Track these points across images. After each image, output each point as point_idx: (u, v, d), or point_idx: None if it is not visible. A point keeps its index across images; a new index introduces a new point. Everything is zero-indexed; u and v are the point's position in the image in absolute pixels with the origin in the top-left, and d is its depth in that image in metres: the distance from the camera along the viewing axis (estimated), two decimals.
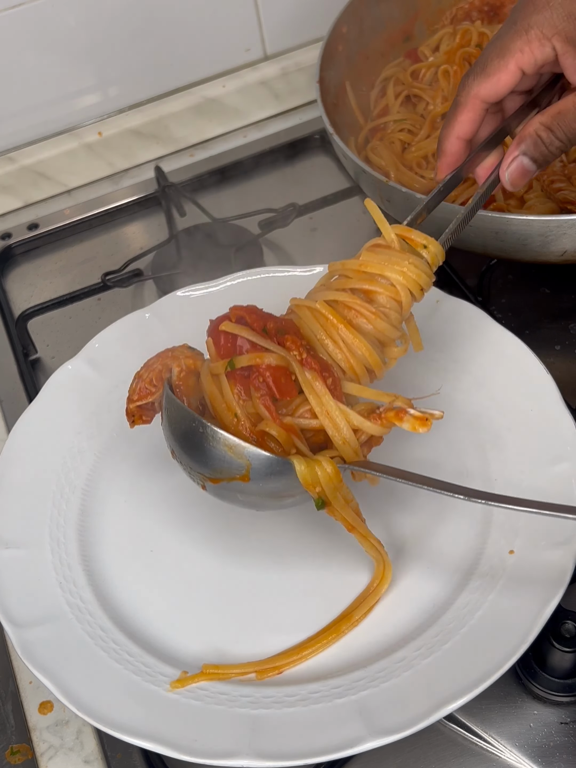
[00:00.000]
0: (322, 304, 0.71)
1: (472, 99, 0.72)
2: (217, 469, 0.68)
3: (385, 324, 0.71)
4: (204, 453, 0.68)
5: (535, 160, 0.72)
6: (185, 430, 0.69)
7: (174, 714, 0.67)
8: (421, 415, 0.68)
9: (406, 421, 0.68)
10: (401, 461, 0.82)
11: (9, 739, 0.75)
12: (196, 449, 0.69)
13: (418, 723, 0.63)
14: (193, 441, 0.69)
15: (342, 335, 0.70)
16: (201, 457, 0.68)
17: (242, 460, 0.67)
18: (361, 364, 0.71)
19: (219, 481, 0.68)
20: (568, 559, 0.69)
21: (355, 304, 0.71)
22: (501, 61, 0.70)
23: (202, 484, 0.70)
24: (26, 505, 0.80)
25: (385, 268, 0.71)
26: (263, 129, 1.22)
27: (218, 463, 0.68)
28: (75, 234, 1.15)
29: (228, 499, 0.71)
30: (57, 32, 1.15)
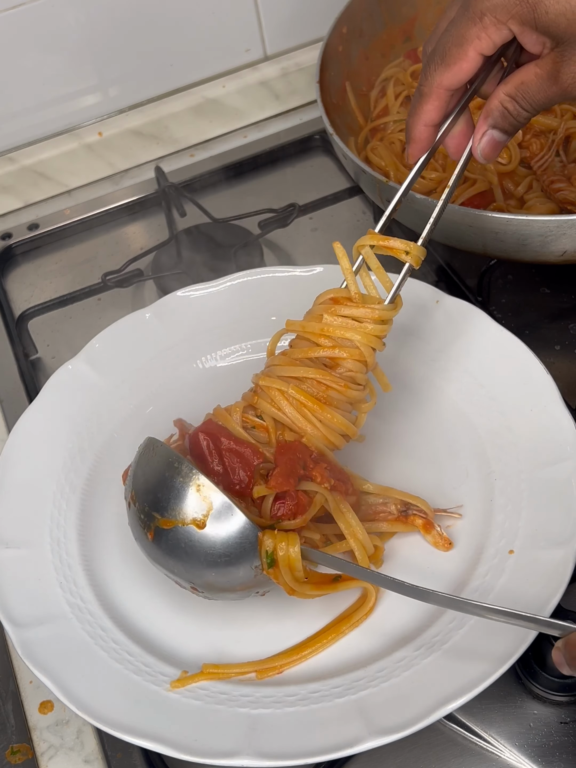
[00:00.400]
0: (295, 389, 0.73)
1: (436, 89, 0.71)
2: (177, 508, 0.68)
3: (355, 392, 0.75)
4: (169, 489, 0.68)
5: (504, 131, 0.71)
6: (157, 468, 0.69)
7: (174, 714, 0.68)
8: (447, 537, 0.75)
9: (433, 536, 0.76)
10: (401, 461, 0.82)
11: (9, 739, 0.75)
12: (162, 486, 0.68)
13: (418, 723, 0.63)
14: (162, 477, 0.69)
15: (318, 416, 0.74)
16: (164, 493, 0.68)
17: (205, 503, 0.67)
18: (337, 434, 0.75)
19: (172, 524, 0.68)
20: (568, 559, 0.69)
21: (325, 380, 0.73)
22: (459, 50, 0.69)
23: (153, 527, 0.69)
24: (26, 505, 0.80)
25: (347, 331, 0.73)
26: (263, 129, 1.22)
27: (179, 502, 0.68)
28: (75, 234, 1.15)
29: (168, 561, 0.69)
30: (57, 32, 1.15)
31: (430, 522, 0.76)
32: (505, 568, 0.72)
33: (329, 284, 0.84)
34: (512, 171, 0.94)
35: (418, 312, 0.88)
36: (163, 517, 0.68)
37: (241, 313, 0.92)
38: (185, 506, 0.67)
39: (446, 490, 0.79)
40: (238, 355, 0.91)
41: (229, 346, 0.92)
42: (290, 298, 0.91)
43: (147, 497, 0.69)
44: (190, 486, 0.67)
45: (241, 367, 0.90)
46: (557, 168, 0.93)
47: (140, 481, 0.70)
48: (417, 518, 0.76)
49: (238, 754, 0.64)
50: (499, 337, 0.84)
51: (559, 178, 0.91)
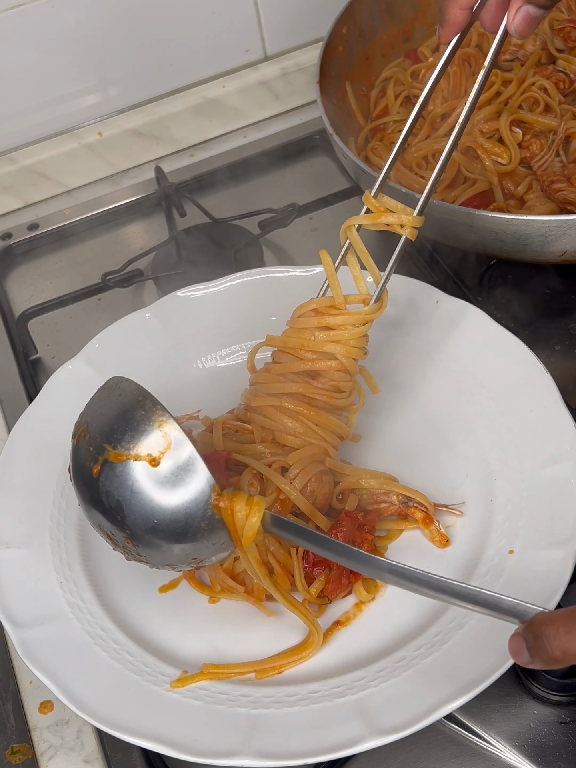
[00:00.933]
0: (288, 401, 0.75)
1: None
2: (132, 442, 0.63)
3: (339, 401, 0.76)
4: (127, 421, 0.63)
5: (540, 5, 0.68)
6: (118, 401, 0.65)
7: (174, 714, 0.67)
8: (445, 534, 0.75)
9: (431, 531, 0.76)
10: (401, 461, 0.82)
11: (9, 739, 0.75)
12: (121, 418, 0.64)
13: (418, 723, 0.63)
14: (122, 409, 0.64)
15: (314, 421, 0.76)
16: (120, 425, 0.64)
17: (165, 440, 0.63)
18: (333, 435, 0.77)
19: (124, 458, 0.63)
20: (568, 559, 0.69)
21: (314, 394, 0.75)
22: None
23: (101, 461, 0.64)
24: (26, 505, 0.80)
25: (328, 345, 0.74)
26: (263, 129, 1.22)
27: (136, 435, 0.63)
28: (75, 234, 1.15)
29: (108, 503, 0.64)
30: (57, 32, 1.15)
31: (429, 516, 0.76)
32: (505, 568, 0.72)
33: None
34: (512, 171, 0.94)
35: (418, 312, 0.88)
36: (115, 450, 0.63)
37: (241, 313, 0.92)
38: (142, 440, 0.63)
39: (446, 490, 0.79)
40: (238, 355, 0.91)
41: (229, 346, 0.92)
42: (290, 298, 0.91)
43: (101, 429, 0.65)
44: (151, 420, 0.63)
45: (241, 367, 0.90)
46: (557, 168, 0.93)
47: (96, 413, 0.66)
48: (417, 511, 0.76)
49: (238, 754, 0.64)
50: (499, 337, 0.84)
51: (559, 178, 0.91)
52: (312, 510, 0.74)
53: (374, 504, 0.78)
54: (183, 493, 0.63)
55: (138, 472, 0.63)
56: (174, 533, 0.64)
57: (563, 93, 0.97)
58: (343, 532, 0.73)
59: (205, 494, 0.63)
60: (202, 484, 0.63)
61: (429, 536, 0.76)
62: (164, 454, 0.63)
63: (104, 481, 0.64)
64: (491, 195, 0.95)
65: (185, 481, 0.63)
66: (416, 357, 0.87)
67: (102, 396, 0.67)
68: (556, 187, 0.91)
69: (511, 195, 0.94)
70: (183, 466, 0.63)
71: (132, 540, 0.65)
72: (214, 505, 0.64)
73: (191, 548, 0.65)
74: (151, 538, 0.64)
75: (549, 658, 0.54)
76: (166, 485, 0.63)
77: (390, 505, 0.77)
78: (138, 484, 0.63)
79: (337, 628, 0.73)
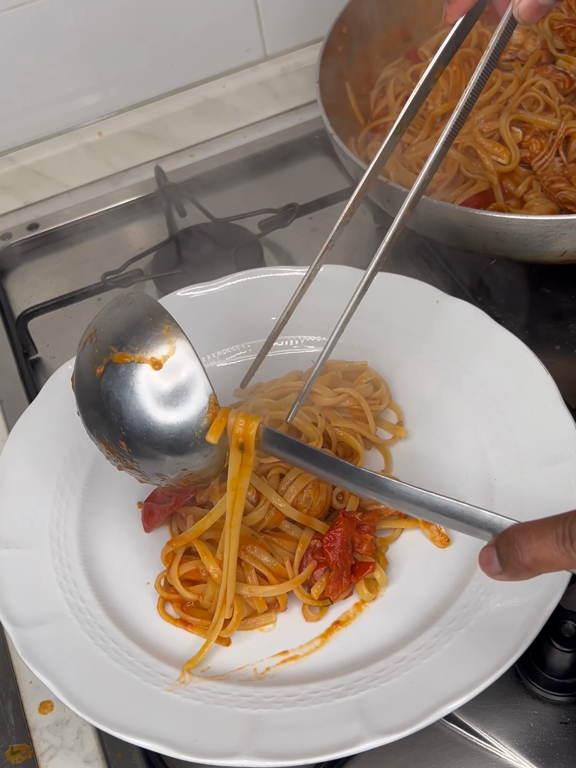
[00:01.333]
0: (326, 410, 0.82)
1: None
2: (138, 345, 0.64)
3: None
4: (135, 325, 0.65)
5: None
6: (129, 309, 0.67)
7: (174, 714, 0.68)
8: (445, 534, 0.76)
9: (431, 531, 0.76)
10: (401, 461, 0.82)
11: (9, 739, 0.75)
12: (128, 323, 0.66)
13: (417, 723, 0.63)
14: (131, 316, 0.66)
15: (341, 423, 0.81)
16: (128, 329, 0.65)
17: (170, 345, 0.64)
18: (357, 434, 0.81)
19: (128, 360, 0.64)
20: None
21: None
22: None
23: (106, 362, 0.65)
24: (26, 505, 0.80)
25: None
26: (263, 129, 1.22)
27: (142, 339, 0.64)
28: (75, 234, 1.15)
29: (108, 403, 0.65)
30: (57, 32, 1.15)
31: None
32: None
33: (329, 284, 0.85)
34: (512, 171, 0.94)
35: (418, 312, 0.88)
36: (120, 351, 0.65)
37: (241, 313, 0.92)
38: (147, 344, 0.64)
39: (446, 490, 0.79)
40: (238, 355, 0.91)
41: (229, 346, 0.92)
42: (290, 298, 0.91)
43: (108, 333, 0.66)
44: (158, 326, 0.65)
45: (241, 367, 0.90)
46: (557, 168, 0.92)
47: (105, 319, 0.68)
48: None
49: (238, 754, 0.64)
50: (498, 337, 0.84)
51: (559, 178, 0.91)
52: (307, 519, 0.74)
53: (374, 504, 0.78)
54: (181, 400, 0.64)
55: (140, 374, 0.64)
56: (168, 438, 0.65)
57: (563, 93, 0.96)
58: (340, 532, 0.73)
59: (203, 403, 0.64)
60: (200, 393, 0.64)
61: (429, 536, 0.76)
62: (167, 359, 0.64)
63: (106, 381, 0.65)
64: (491, 195, 0.94)
65: (185, 388, 0.64)
66: (416, 357, 0.87)
67: (113, 305, 0.68)
68: (556, 187, 0.91)
69: (511, 195, 0.94)
70: (184, 373, 0.64)
71: (126, 444, 0.66)
72: (210, 416, 0.65)
73: (183, 457, 0.66)
74: (146, 441, 0.65)
75: (519, 565, 0.54)
76: (165, 390, 0.64)
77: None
78: (139, 385, 0.64)
79: (337, 628, 0.73)
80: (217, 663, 0.72)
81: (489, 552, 0.57)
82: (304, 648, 0.72)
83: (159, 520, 0.79)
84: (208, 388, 0.65)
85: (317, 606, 0.74)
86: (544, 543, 0.53)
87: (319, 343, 0.89)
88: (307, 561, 0.74)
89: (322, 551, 0.73)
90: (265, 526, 0.75)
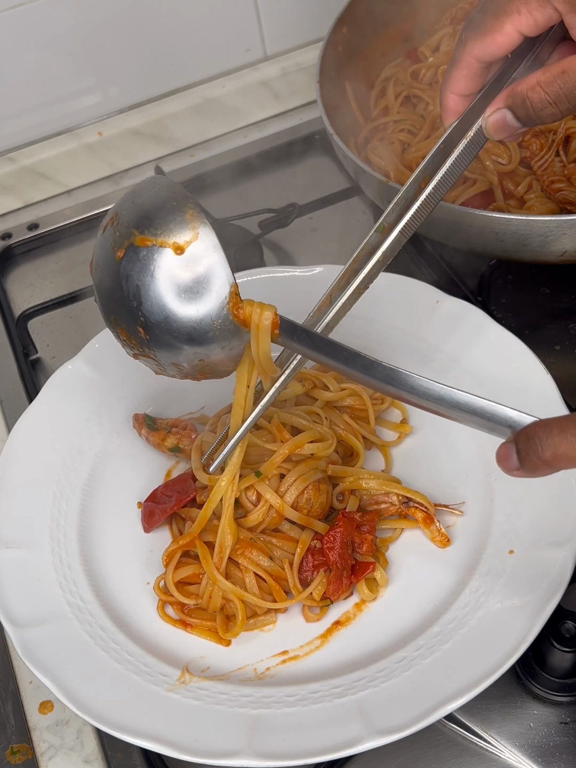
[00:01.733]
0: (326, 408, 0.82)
1: (467, 57, 0.67)
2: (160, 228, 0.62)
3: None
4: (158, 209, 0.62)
5: (519, 119, 0.66)
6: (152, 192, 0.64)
7: (174, 714, 0.68)
8: (445, 534, 0.75)
9: (431, 531, 0.76)
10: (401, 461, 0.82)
11: (9, 739, 0.75)
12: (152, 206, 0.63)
13: (418, 723, 0.63)
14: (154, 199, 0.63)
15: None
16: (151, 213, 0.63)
17: (193, 231, 0.61)
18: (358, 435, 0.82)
19: (149, 243, 0.62)
20: (568, 559, 0.69)
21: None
22: (496, 21, 0.65)
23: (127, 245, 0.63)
24: (26, 505, 0.80)
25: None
26: (263, 129, 1.22)
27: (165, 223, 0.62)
28: (75, 234, 1.15)
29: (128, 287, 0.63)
30: (57, 32, 1.15)
31: (430, 516, 0.76)
32: (505, 568, 0.72)
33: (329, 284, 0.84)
34: (512, 171, 0.94)
35: (417, 312, 0.88)
36: (142, 235, 0.62)
37: None
38: (170, 228, 0.62)
39: (446, 490, 0.79)
40: None
41: None
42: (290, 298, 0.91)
43: (131, 215, 0.63)
44: (182, 212, 0.62)
45: None
46: (557, 168, 0.92)
47: (127, 203, 0.65)
48: (418, 511, 0.76)
49: (238, 754, 0.64)
50: (499, 337, 0.84)
51: (559, 178, 0.91)
52: (307, 520, 0.74)
53: (374, 504, 0.78)
54: (202, 287, 0.62)
55: (161, 258, 0.61)
56: (187, 326, 0.62)
57: None
58: (339, 532, 0.73)
59: (224, 292, 0.62)
60: (221, 282, 0.62)
61: (429, 536, 0.76)
62: (189, 244, 0.61)
63: (126, 264, 0.62)
64: (491, 195, 0.95)
65: (206, 276, 0.62)
66: (416, 357, 0.87)
67: (136, 190, 0.66)
68: (556, 187, 0.91)
69: (511, 195, 0.94)
70: (206, 260, 0.62)
71: (144, 330, 0.63)
72: (231, 306, 0.62)
73: (202, 347, 0.63)
74: (164, 328, 0.63)
75: (538, 460, 0.53)
76: (186, 277, 0.61)
77: (390, 506, 0.77)
78: (159, 270, 0.61)
79: (337, 628, 0.73)
80: (217, 663, 0.72)
81: (507, 447, 0.56)
82: (304, 648, 0.72)
83: (159, 520, 0.79)
84: (230, 278, 0.62)
85: (317, 606, 0.74)
86: (566, 437, 0.52)
87: None
88: (307, 562, 0.74)
89: (322, 551, 0.73)
90: (264, 527, 0.75)
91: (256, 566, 0.73)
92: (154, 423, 0.84)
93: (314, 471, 0.75)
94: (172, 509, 0.78)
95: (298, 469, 0.75)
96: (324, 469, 0.77)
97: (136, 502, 0.82)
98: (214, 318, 0.62)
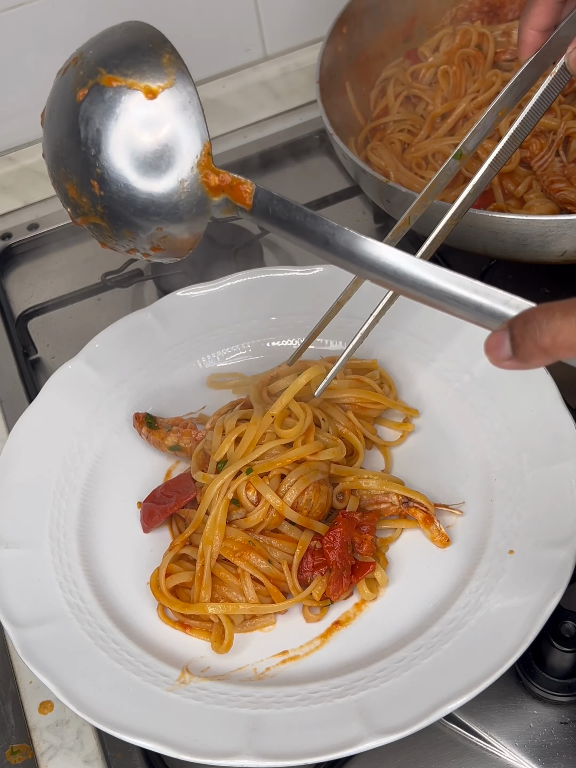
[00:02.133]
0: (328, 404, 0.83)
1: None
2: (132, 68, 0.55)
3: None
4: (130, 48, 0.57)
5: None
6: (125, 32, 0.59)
7: (174, 714, 0.68)
8: (445, 534, 0.75)
9: (431, 531, 0.76)
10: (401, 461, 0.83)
11: (9, 739, 0.75)
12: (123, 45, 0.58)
13: (417, 723, 0.63)
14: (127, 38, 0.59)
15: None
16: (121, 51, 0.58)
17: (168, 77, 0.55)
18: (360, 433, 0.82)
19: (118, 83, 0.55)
20: (568, 559, 0.69)
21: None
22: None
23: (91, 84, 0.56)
24: (26, 505, 0.80)
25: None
26: (263, 129, 1.22)
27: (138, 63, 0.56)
28: (75, 234, 1.14)
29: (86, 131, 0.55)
30: (57, 32, 1.15)
31: (430, 516, 0.76)
32: (505, 568, 0.72)
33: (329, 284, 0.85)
34: (512, 171, 0.94)
35: (418, 312, 0.88)
36: (110, 74, 0.55)
37: (241, 313, 0.92)
38: (143, 69, 0.55)
39: (446, 490, 0.79)
40: (238, 355, 0.91)
41: (229, 346, 0.92)
42: (290, 298, 0.91)
43: (98, 54, 0.57)
44: (158, 53, 0.56)
45: (241, 367, 0.90)
46: (557, 168, 0.92)
47: (94, 44, 0.59)
48: (417, 511, 0.76)
49: (238, 754, 0.64)
50: None
51: (559, 178, 0.91)
52: (307, 521, 0.74)
53: (374, 504, 0.78)
54: (171, 140, 0.55)
55: (130, 101, 0.54)
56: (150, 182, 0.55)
57: (563, 93, 0.96)
58: (339, 532, 0.73)
59: (195, 150, 0.55)
60: (194, 137, 0.55)
61: (429, 536, 0.76)
62: (163, 89, 0.55)
63: (88, 106, 0.55)
64: (491, 195, 0.94)
65: (176, 128, 0.55)
66: (416, 357, 0.87)
67: (105, 32, 0.60)
68: (556, 187, 0.91)
69: (511, 195, 0.94)
70: (179, 110, 0.55)
71: (99, 184, 0.55)
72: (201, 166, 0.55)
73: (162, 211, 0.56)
74: (122, 183, 0.55)
75: (535, 347, 0.48)
76: (155, 123, 0.54)
77: (390, 506, 0.77)
78: (127, 113, 0.54)
79: (337, 628, 0.73)
80: (217, 663, 0.72)
81: (499, 335, 0.50)
82: (304, 648, 0.72)
83: (159, 521, 0.79)
84: (204, 135, 0.55)
85: (318, 606, 0.74)
86: (569, 321, 0.47)
87: (319, 343, 0.89)
88: (307, 562, 0.74)
89: (322, 552, 0.73)
90: (264, 527, 0.75)
91: (254, 569, 0.73)
92: (155, 422, 0.84)
93: (315, 472, 0.75)
94: (172, 509, 0.78)
95: (299, 469, 0.75)
96: (325, 470, 0.77)
97: (136, 502, 0.82)
98: (182, 177, 0.55)
